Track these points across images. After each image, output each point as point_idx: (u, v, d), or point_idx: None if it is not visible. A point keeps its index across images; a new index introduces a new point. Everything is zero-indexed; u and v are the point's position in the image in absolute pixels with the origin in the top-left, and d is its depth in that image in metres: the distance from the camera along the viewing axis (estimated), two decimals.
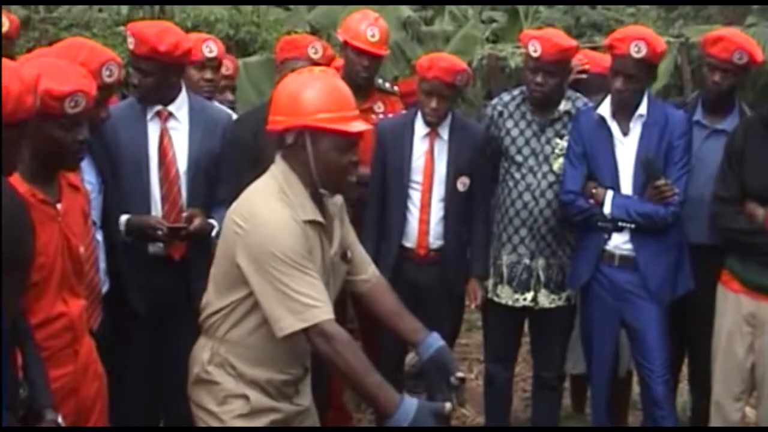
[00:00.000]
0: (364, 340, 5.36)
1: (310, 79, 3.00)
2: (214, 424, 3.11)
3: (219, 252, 3.11)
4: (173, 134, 4.11)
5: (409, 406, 2.81)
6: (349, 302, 5.14)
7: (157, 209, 4.07)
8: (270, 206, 2.96)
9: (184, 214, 4.04)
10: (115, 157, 3.95)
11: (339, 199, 3.21)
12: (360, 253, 3.36)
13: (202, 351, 3.15)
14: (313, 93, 2.95)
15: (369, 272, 3.37)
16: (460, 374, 3.15)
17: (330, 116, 2.93)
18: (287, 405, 3.19)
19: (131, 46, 3.99)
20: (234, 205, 3.09)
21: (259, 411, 3.10)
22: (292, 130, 2.96)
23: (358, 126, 2.99)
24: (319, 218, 3.04)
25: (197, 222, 3.97)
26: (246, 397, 3.09)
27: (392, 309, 3.33)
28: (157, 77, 4.02)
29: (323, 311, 2.90)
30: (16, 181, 2.79)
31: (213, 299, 3.13)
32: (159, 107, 4.08)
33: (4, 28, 4.71)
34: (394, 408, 2.81)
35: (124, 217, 3.96)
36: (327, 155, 2.97)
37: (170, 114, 4.11)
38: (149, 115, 4.08)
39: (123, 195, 3.97)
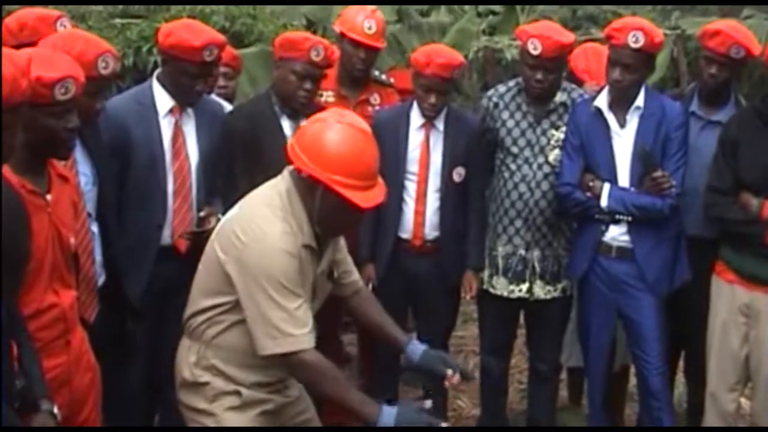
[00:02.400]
0: (360, 333, 5.38)
1: (346, 136, 2.97)
2: (207, 420, 3.14)
3: (210, 252, 3.11)
4: (185, 129, 4.12)
5: (389, 412, 2.95)
6: None
7: (168, 205, 4.08)
8: (272, 225, 2.97)
9: (202, 214, 4.06)
10: (126, 152, 3.95)
11: None
12: (348, 263, 3.45)
13: (188, 354, 3.17)
14: (343, 153, 2.94)
15: (353, 278, 3.47)
16: (449, 372, 3.24)
17: (348, 182, 2.94)
18: (277, 396, 3.22)
19: (215, 57, 4.03)
20: (237, 210, 3.11)
21: (251, 403, 3.14)
22: (310, 175, 2.98)
23: (371, 200, 3.00)
24: (313, 244, 3.07)
25: (213, 222, 3.96)
26: (237, 393, 3.12)
27: (378, 318, 3.46)
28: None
29: (301, 340, 2.96)
30: (6, 172, 2.78)
31: (197, 298, 3.14)
32: (174, 102, 4.08)
33: None
34: (377, 418, 2.95)
35: None
36: (331, 211, 3.01)
37: (182, 109, 4.11)
38: (163, 111, 4.07)
39: (137, 192, 3.98)
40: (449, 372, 3.24)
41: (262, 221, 2.98)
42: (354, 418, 3.07)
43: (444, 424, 3.00)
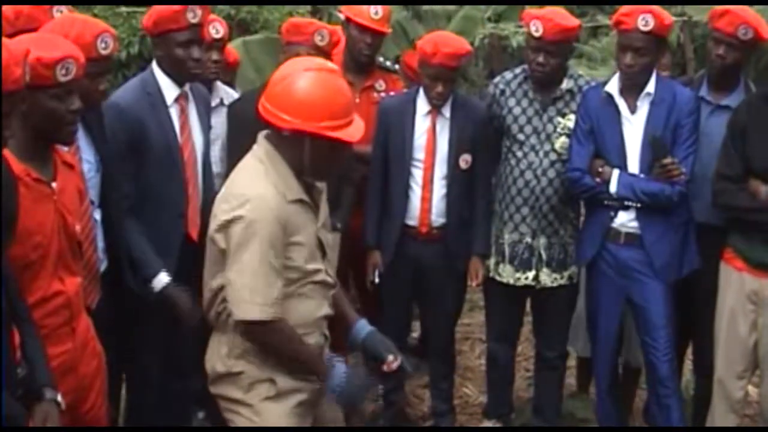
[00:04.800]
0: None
1: (317, 81, 3.00)
2: (243, 410, 3.15)
3: (208, 237, 3.12)
4: (189, 117, 4.10)
5: (339, 370, 3.16)
6: (351, 283, 5.15)
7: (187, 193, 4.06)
8: (254, 189, 3.00)
9: None
10: (142, 144, 3.92)
11: None
12: None
13: (219, 347, 3.17)
14: (322, 99, 2.98)
15: None
16: (390, 358, 3.28)
17: (335, 124, 2.98)
18: (312, 384, 3.21)
19: (200, 19, 3.99)
20: (222, 189, 3.13)
21: (286, 392, 3.14)
22: (294, 130, 2.99)
23: (358, 132, 3.05)
24: (305, 197, 3.08)
25: None
26: (271, 381, 3.12)
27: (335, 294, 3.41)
28: None
29: (264, 311, 2.99)
30: (11, 159, 2.78)
31: (207, 281, 3.17)
32: (179, 90, 4.05)
33: None
34: (327, 372, 3.14)
35: (164, 278, 3.89)
36: (322, 157, 3.04)
37: (186, 98, 4.10)
38: (170, 100, 4.04)
39: (156, 182, 3.96)
40: (390, 357, 3.27)
41: (245, 189, 3.01)
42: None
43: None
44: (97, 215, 3.63)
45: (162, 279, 3.88)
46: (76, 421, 3.09)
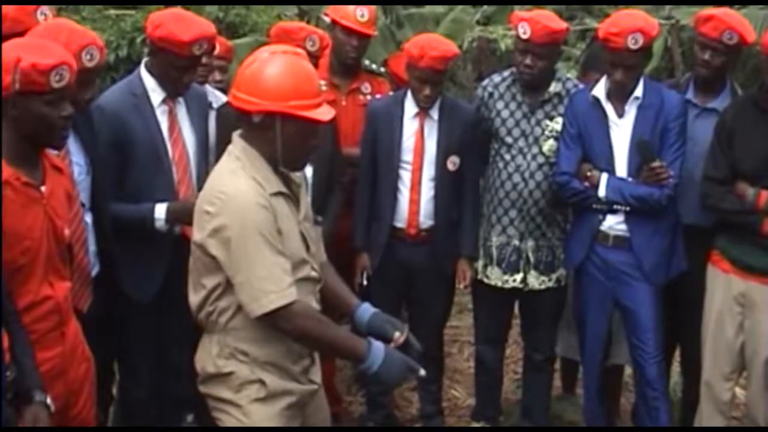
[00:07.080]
0: None
1: (284, 63, 3.01)
2: (232, 410, 3.14)
3: (193, 241, 3.11)
4: (179, 118, 4.09)
5: (378, 349, 3.06)
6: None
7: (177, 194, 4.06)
8: (235, 185, 2.99)
9: None
10: (127, 146, 3.92)
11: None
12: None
13: (210, 347, 3.16)
14: (289, 79, 2.98)
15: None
16: (397, 334, 3.26)
17: (304, 104, 2.98)
18: (302, 386, 3.21)
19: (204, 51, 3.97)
20: (202, 192, 3.12)
21: (275, 394, 3.13)
22: (264, 112, 2.99)
23: (327, 114, 3.06)
24: (284, 189, 3.09)
25: None
26: (261, 382, 3.11)
27: (332, 281, 3.40)
28: None
29: (281, 296, 2.97)
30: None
31: (193, 286, 3.15)
32: (166, 92, 4.04)
33: None
34: (366, 353, 3.05)
35: (162, 206, 3.91)
36: (294, 139, 3.03)
37: (174, 99, 4.08)
38: (157, 102, 4.03)
39: (142, 185, 3.95)
40: (396, 334, 3.25)
41: (225, 187, 3.01)
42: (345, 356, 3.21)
43: (422, 372, 3.12)
44: (88, 218, 3.62)
45: (160, 212, 3.90)
46: (64, 425, 3.08)
